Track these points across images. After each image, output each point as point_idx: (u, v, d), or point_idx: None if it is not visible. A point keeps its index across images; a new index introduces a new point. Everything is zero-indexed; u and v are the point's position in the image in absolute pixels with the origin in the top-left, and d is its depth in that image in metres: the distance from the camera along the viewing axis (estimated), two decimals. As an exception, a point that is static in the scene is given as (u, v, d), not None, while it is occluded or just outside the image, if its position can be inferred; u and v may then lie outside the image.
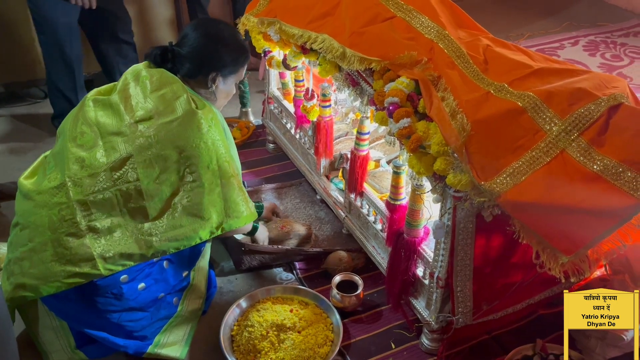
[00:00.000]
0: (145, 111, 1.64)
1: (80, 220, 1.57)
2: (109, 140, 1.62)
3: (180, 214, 1.65)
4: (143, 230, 1.62)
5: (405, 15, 1.72)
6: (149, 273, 1.68)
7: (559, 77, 1.42)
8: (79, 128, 1.65)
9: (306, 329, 1.77)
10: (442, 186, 1.46)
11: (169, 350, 1.74)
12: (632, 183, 1.18)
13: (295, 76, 2.24)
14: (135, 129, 1.62)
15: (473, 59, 1.53)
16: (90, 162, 1.60)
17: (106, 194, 1.59)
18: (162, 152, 1.61)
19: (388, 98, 1.52)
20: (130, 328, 1.68)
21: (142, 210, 1.62)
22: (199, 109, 1.67)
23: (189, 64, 1.74)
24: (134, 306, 1.66)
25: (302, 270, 2.05)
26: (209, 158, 1.66)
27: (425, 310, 1.71)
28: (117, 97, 1.68)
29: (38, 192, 1.63)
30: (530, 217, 1.30)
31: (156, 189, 1.62)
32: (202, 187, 1.66)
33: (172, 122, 1.63)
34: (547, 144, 1.30)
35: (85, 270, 1.57)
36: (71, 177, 1.59)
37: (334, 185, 2.20)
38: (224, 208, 1.72)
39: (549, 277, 1.66)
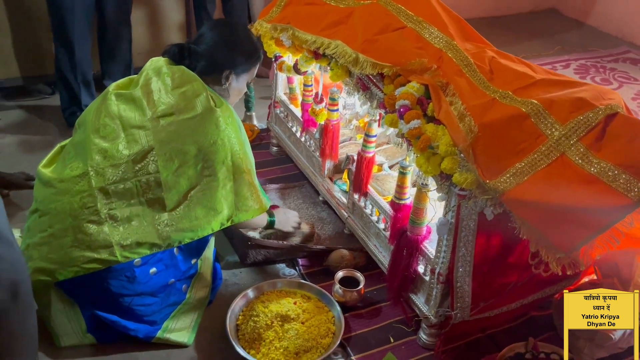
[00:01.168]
0: (167, 107, 1.73)
1: (101, 208, 1.65)
2: (130, 133, 1.71)
3: (195, 206, 1.74)
4: (160, 220, 1.70)
5: (416, 26, 1.83)
6: (161, 258, 1.75)
7: (559, 88, 1.52)
8: (102, 120, 1.73)
9: (309, 320, 1.84)
10: (448, 185, 1.55)
11: (177, 335, 1.80)
12: (626, 185, 1.28)
13: (304, 81, 2.33)
14: (157, 124, 1.71)
15: (479, 68, 1.64)
16: (112, 153, 1.69)
17: (127, 184, 1.67)
18: (182, 146, 1.70)
19: (399, 101, 1.62)
20: (141, 312, 1.75)
21: (160, 201, 1.71)
22: (217, 107, 1.76)
23: (204, 62, 1.83)
24: (146, 290, 1.73)
25: (305, 266, 2.13)
26: (224, 154, 1.75)
27: (424, 305, 1.79)
28: (139, 92, 1.77)
29: (60, 180, 1.70)
30: (531, 214, 1.39)
31: (174, 181, 1.71)
32: (217, 182, 1.75)
33: (192, 118, 1.72)
34: (548, 148, 1.40)
35: (103, 256, 1.64)
36: (94, 167, 1.67)
37: (337, 187, 2.28)
38: (235, 202, 1.82)
39: (542, 279, 1.78)
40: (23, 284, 1.30)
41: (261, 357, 1.74)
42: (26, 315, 1.36)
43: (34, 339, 1.43)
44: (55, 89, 3.18)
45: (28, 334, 1.39)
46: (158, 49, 3.25)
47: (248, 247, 2.07)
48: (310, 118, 2.32)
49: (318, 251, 2.15)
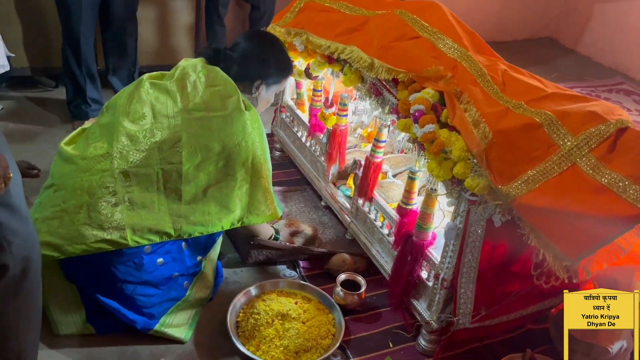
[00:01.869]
0: (200, 102, 1.76)
1: (119, 190, 1.66)
2: (160, 121, 1.73)
3: (210, 202, 1.77)
4: (174, 210, 1.72)
5: (431, 37, 1.87)
6: (169, 250, 1.75)
7: (571, 102, 1.57)
8: (133, 105, 1.75)
9: (310, 321, 1.85)
10: (459, 190, 1.58)
11: (174, 330, 1.79)
12: (636, 195, 1.31)
13: (314, 86, 2.36)
14: (189, 116, 1.73)
15: (493, 79, 1.68)
16: (139, 137, 1.71)
17: (148, 169, 1.69)
18: (208, 142, 1.73)
19: (414, 105, 1.65)
20: (141, 303, 1.74)
21: (178, 192, 1.73)
22: (247, 110, 1.80)
23: (237, 68, 1.88)
24: (150, 280, 1.73)
25: (305, 269, 2.13)
26: (246, 156, 1.79)
27: (426, 311, 1.80)
28: (174, 85, 1.79)
29: (82, 158, 1.71)
30: (541, 221, 1.42)
31: (195, 175, 1.73)
32: (235, 182, 1.79)
33: (222, 117, 1.75)
34: (560, 157, 1.43)
35: (113, 237, 1.65)
36: (119, 149, 1.69)
37: (341, 192, 2.30)
38: (248, 204, 1.86)
39: (542, 290, 1.81)
40: (34, 261, 1.29)
41: (261, 354, 1.74)
42: (33, 295, 1.35)
43: (38, 320, 1.41)
44: (59, 83, 3.19)
45: (34, 313, 1.37)
46: (165, 48, 3.28)
47: (250, 246, 2.07)
48: (318, 123, 2.35)
49: (319, 254, 2.15)
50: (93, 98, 2.88)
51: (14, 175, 1.18)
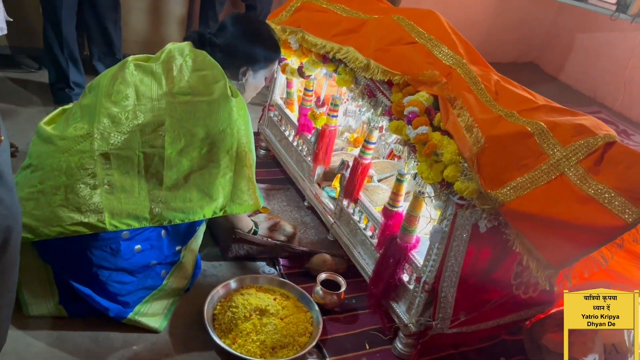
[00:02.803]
0: (185, 86, 1.71)
1: (99, 172, 1.61)
2: (144, 103, 1.68)
3: (192, 189, 1.73)
4: (154, 195, 1.68)
5: (427, 43, 1.89)
6: (148, 237, 1.72)
7: (561, 114, 1.60)
8: (117, 87, 1.70)
9: (288, 318, 1.83)
10: (447, 193, 1.59)
11: (148, 320, 1.75)
12: (621, 207, 1.34)
13: (305, 85, 2.36)
14: (173, 100, 1.69)
15: (486, 87, 1.71)
16: (121, 119, 1.65)
17: (130, 152, 1.64)
18: (192, 127, 1.69)
19: (409, 107, 1.66)
20: (116, 290, 1.70)
21: (159, 176, 1.68)
22: (233, 96, 1.76)
23: (221, 54, 1.82)
24: (126, 267, 1.69)
25: (285, 267, 2.11)
26: (230, 144, 1.75)
27: (405, 314, 1.80)
28: (159, 67, 1.75)
29: (61, 138, 1.65)
30: (526, 228, 1.44)
31: (177, 160, 1.69)
32: (218, 169, 1.75)
33: (207, 102, 1.71)
34: (549, 166, 1.46)
35: (91, 220, 1.60)
36: (100, 130, 1.63)
37: (325, 193, 2.29)
38: (231, 193, 1.82)
39: (520, 300, 1.83)
40: (15, 233, 1.25)
41: (237, 348, 1.71)
42: (10, 269, 1.30)
43: (12, 297, 1.37)
44: (42, 65, 3.13)
45: (9, 289, 1.33)
46: (154, 38, 3.24)
47: (232, 240, 2.05)
48: (306, 122, 2.35)
49: (300, 253, 2.14)
50: (76, 82, 2.84)
51: (3, 140, 1.14)
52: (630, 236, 1.36)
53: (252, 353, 1.70)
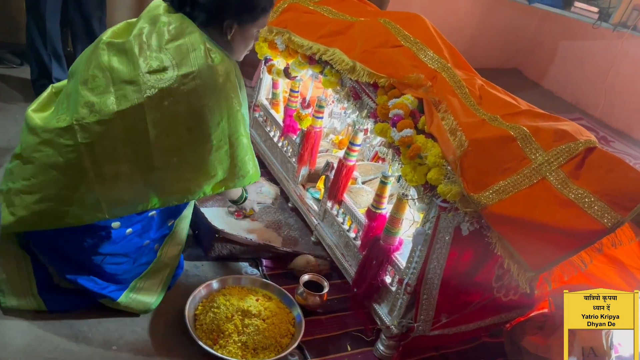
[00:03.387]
0: (160, 62, 1.57)
1: (87, 166, 1.57)
2: (120, 87, 1.57)
3: (186, 168, 1.65)
4: (148, 180, 1.62)
5: (412, 46, 1.90)
6: (138, 220, 1.72)
7: (543, 120, 1.63)
8: (91, 71, 1.60)
9: (270, 319, 1.82)
10: (430, 196, 1.60)
11: (143, 295, 1.78)
12: (601, 212, 1.36)
13: (291, 86, 2.36)
14: (149, 80, 1.56)
15: (470, 92, 1.72)
16: (99, 107, 1.56)
17: (114, 141, 1.57)
18: (174, 105, 1.57)
19: (394, 110, 1.67)
20: (112, 271, 1.71)
21: (148, 160, 1.60)
22: (214, 62, 1.60)
23: (205, 12, 1.64)
24: (119, 251, 1.70)
25: (268, 267, 2.11)
26: (220, 116, 1.64)
27: (387, 316, 1.80)
28: (131, 43, 1.60)
29: (44, 130, 1.60)
30: (508, 231, 1.45)
31: (164, 141, 1.60)
32: (210, 144, 1.65)
33: (187, 76, 1.56)
34: (531, 170, 1.48)
35: (90, 212, 1.60)
36: (79, 121, 1.56)
37: (309, 194, 2.29)
38: (231, 166, 1.74)
39: (500, 303, 1.85)
40: None
41: (218, 348, 1.70)
42: None
43: None
44: (24, 61, 3.08)
45: None
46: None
47: (215, 239, 2.04)
48: (292, 123, 2.35)
49: (284, 254, 2.14)
50: (59, 78, 2.80)
51: None
52: (609, 241, 1.38)
53: (233, 354, 1.69)
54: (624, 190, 1.37)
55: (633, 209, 1.33)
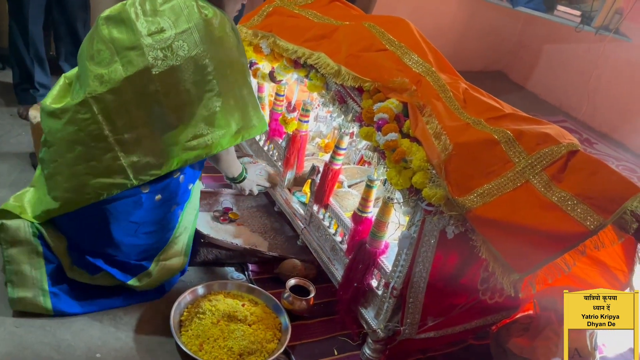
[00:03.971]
0: (157, 24, 1.66)
1: (108, 134, 1.65)
2: (125, 55, 1.65)
3: (200, 123, 1.71)
4: (167, 139, 1.69)
5: (397, 50, 1.91)
6: (167, 185, 1.77)
7: (526, 123, 1.64)
8: (95, 46, 1.69)
9: (256, 324, 1.81)
10: (416, 199, 1.60)
11: (172, 262, 1.87)
12: (583, 214, 1.37)
13: (277, 90, 2.36)
14: (150, 42, 1.64)
15: (455, 95, 1.73)
16: (109, 77, 1.64)
17: (128, 106, 1.65)
18: (178, 63, 1.64)
19: (379, 114, 1.68)
20: (145, 241, 1.80)
21: (163, 119, 1.68)
22: (208, 16, 1.68)
23: None
24: (151, 218, 1.76)
25: (254, 272, 2.10)
26: (223, 66, 1.70)
27: (374, 319, 1.80)
28: (127, 12, 1.68)
29: (62, 110, 1.68)
30: (492, 234, 1.46)
31: (175, 98, 1.67)
32: (220, 96, 1.71)
33: (184, 32, 1.65)
34: (515, 174, 1.49)
35: (118, 180, 1.66)
36: (92, 94, 1.63)
37: (295, 198, 2.29)
38: (241, 117, 1.79)
39: (486, 305, 1.85)
40: None
41: (204, 354, 1.69)
42: None
43: None
44: (6, 65, 3.04)
45: None
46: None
47: (200, 244, 2.03)
48: (277, 127, 2.34)
49: (270, 258, 2.13)
50: (41, 83, 2.77)
51: None
52: (592, 243, 1.39)
53: (219, 360, 1.68)
54: (606, 193, 1.39)
55: (615, 212, 1.35)
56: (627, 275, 1.74)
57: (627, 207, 1.35)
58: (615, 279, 1.79)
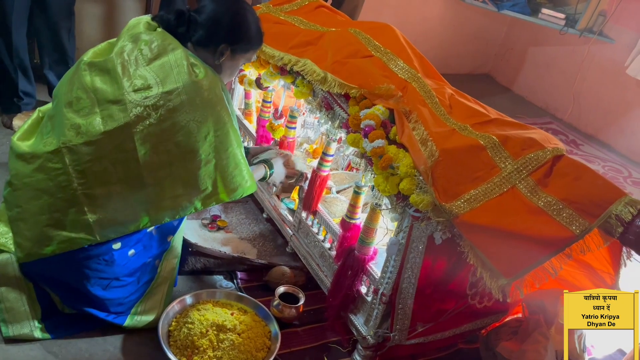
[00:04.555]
0: (144, 80, 1.58)
1: (77, 187, 1.57)
2: (106, 108, 1.57)
3: (176, 184, 1.65)
4: (140, 198, 1.62)
5: (383, 57, 1.92)
6: (139, 239, 1.71)
7: (512, 128, 1.65)
8: (75, 93, 1.60)
9: (246, 333, 1.80)
10: (403, 206, 1.61)
11: (148, 315, 1.79)
12: (569, 219, 1.38)
13: (264, 97, 2.35)
14: (134, 98, 1.57)
15: (440, 101, 1.74)
16: (86, 129, 1.56)
17: (103, 162, 1.57)
18: (160, 122, 1.58)
19: (365, 120, 1.68)
20: (118, 294, 1.72)
21: (139, 178, 1.60)
22: (198, 77, 1.62)
23: (202, 31, 1.67)
24: (124, 272, 1.70)
25: (243, 280, 2.09)
26: (207, 129, 1.64)
27: (363, 326, 1.80)
28: (113, 62, 1.60)
29: (32, 155, 1.61)
30: (479, 239, 1.46)
31: (153, 158, 1.59)
32: (199, 158, 1.65)
33: (171, 92, 1.58)
34: (501, 179, 1.50)
35: (81, 235, 1.59)
36: (66, 144, 1.56)
37: (284, 205, 2.28)
38: (221, 180, 1.72)
39: (475, 310, 1.86)
40: None
41: (193, 365, 1.67)
42: None
43: None
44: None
45: None
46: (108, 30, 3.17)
47: (188, 253, 2.02)
48: (265, 134, 2.34)
49: (258, 266, 2.12)
50: (25, 91, 2.74)
51: None
52: (578, 247, 1.40)
53: (208, 370, 1.67)
54: (591, 197, 1.40)
55: (600, 216, 1.36)
56: (614, 277, 1.76)
57: (612, 211, 1.36)
58: (602, 281, 1.81)
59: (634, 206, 1.36)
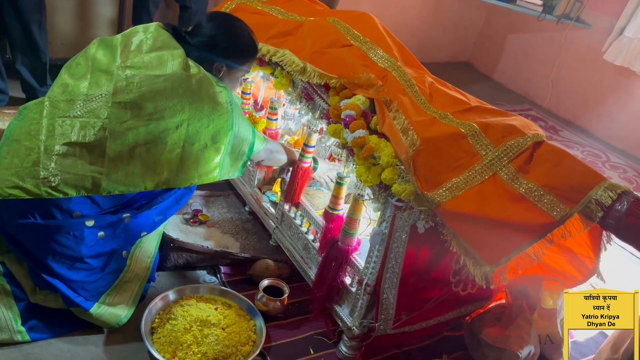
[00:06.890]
0: (138, 61, 1.68)
1: (42, 138, 1.62)
2: (96, 75, 1.69)
3: (136, 162, 1.67)
4: (95, 166, 1.64)
5: (362, 46, 1.90)
6: (112, 223, 1.70)
7: (492, 115, 1.65)
8: (77, 59, 1.75)
9: (230, 327, 1.79)
10: (386, 195, 1.60)
11: (115, 308, 1.75)
12: (550, 205, 1.39)
13: (243, 88, 2.32)
14: (122, 72, 1.67)
15: (421, 90, 1.73)
16: (72, 89, 1.67)
17: (74, 121, 1.63)
18: (140, 101, 1.64)
19: (346, 111, 1.66)
20: (82, 278, 1.69)
21: (101, 147, 1.64)
22: (191, 72, 1.69)
23: (197, 52, 1.76)
24: (90, 254, 1.68)
25: (227, 274, 2.07)
26: (180, 120, 1.66)
27: (348, 317, 1.80)
28: (118, 40, 1.75)
29: (24, 108, 1.72)
30: (462, 227, 1.46)
31: (121, 132, 1.64)
32: (165, 145, 1.67)
33: (159, 76, 1.66)
34: (482, 167, 1.50)
35: (27, 186, 1.60)
36: (50, 98, 1.67)
37: (266, 198, 2.27)
38: (177, 168, 1.72)
39: (459, 297, 1.87)
40: None
41: (177, 361, 1.66)
42: None
43: None
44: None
45: None
46: (83, 40, 3.11)
47: (170, 249, 1.99)
48: (245, 126, 2.31)
49: (242, 259, 2.10)
50: None
51: None
52: (559, 232, 1.41)
53: (193, 366, 1.65)
54: (571, 183, 1.41)
55: (580, 202, 1.37)
56: (594, 261, 1.78)
57: (592, 196, 1.37)
58: (583, 265, 1.83)
59: (613, 191, 1.37)
